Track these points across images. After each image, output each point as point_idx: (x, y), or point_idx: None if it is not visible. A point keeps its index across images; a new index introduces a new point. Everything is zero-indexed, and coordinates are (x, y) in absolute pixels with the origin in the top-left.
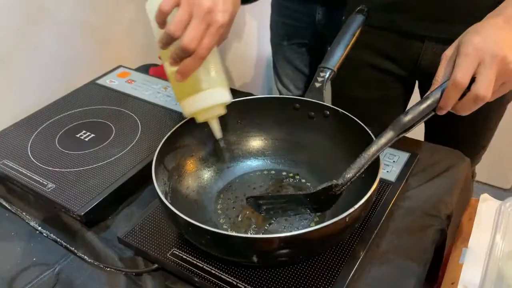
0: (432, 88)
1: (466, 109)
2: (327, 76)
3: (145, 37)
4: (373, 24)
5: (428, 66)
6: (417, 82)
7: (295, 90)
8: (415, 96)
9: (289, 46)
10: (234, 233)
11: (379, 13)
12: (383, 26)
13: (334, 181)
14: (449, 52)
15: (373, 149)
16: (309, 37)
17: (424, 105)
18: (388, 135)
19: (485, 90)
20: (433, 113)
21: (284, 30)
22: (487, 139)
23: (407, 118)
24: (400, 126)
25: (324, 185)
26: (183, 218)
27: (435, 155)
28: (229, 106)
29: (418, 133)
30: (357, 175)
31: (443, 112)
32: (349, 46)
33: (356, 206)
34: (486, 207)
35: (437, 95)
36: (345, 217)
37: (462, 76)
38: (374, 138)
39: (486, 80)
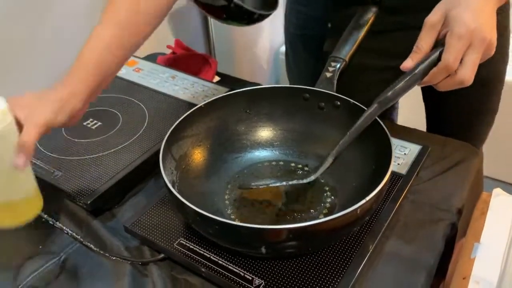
0: (413, 56)
1: (447, 87)
2: (338, 66)
3: None
4: (386, 28)
5: None
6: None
7: (307, 81)
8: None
9: (303, 36)
10: (242, 223)
11: (387, 16)
12: (390, 29)
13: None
14: (433, 18)
15: (358, 123)
16: (323, 26)
17: (409, 81)
18: (374, 109)
19: (471, 75)
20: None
21: (298, 19)
22: (488, 125)
23: (391, 92)
24: (386, 101)
25: (317, 175)
26: (191, 208)
27: (446, 148)
28: (238, 96)
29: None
30: (342, 152)
31: (423, 85)
32: (361, 36)
33: (368, 198)
34: (499, 201)
35: (423, 69)
36: (356, 209)
37: (454, 60)
38: (385, 129)
39: (473, 65)
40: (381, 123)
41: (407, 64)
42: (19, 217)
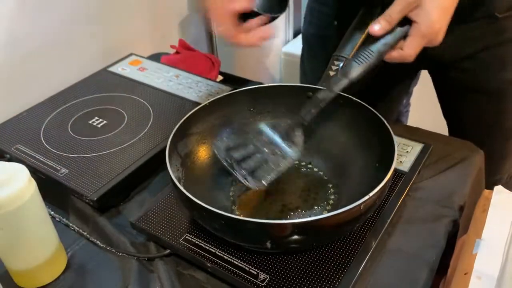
0: (383, 23)
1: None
2: (341, 65)
3: (157, 25)
4: None
5: (435, 54)
6: (424, 72)
7: None
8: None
9: (323, 37)
10: (248, 218)
11: None
12: None
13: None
14: None
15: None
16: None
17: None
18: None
19: (413, 56)
20: None
21: (319, 19)
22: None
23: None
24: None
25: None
26: (197, 203)
27: (448, 146)
28: (242, 94)
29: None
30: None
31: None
32: (364, 35)
33: (371, 193)
34: (501, 199)
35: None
36: (360, 204)
37: (413, 55)
38: (388, 127)
39: (417, 52)
40: (385, 121)
41: (375, 28)
42: (44, 278)
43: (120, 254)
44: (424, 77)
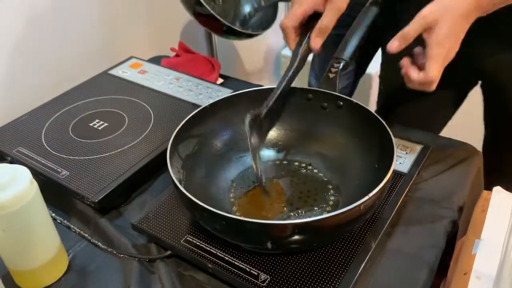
0: (401, 41)
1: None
2: (341, 67)
3: (157, 28)
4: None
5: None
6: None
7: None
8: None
9: (337, 36)
10: (248, 219)
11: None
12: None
13: None
14: (428, 14)
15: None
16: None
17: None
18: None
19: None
20: None
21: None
22: None
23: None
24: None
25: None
26: (198, 204)
27: (447, 148)
28: (242, 96)
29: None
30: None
31: None
32: (363, 37)
33: (371, 194)
34: (500, 199)
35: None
36: (360, 205)
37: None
38: (387, 128)
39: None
40: (384, 123)
41: (394, 45)
42: (45, 279)
43: (121, 255)
44: None
